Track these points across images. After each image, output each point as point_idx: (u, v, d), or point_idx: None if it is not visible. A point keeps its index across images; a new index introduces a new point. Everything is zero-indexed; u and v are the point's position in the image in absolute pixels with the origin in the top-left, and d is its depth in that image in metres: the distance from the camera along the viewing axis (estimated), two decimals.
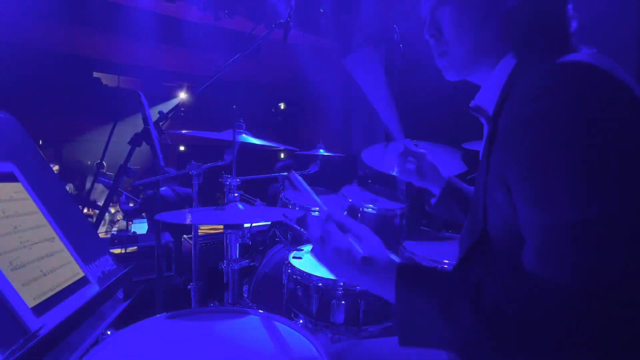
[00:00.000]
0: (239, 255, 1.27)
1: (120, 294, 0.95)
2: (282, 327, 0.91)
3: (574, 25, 0.68)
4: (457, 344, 0.55)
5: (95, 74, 8.37)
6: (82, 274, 0.85)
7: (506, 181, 0.59)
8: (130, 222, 4.29)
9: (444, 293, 0.57)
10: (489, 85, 0.73)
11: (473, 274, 0.57)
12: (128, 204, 3.77)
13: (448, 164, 1.97)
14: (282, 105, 9.21)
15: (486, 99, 0.74)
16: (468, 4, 0.70)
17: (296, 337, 0.86)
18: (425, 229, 2.33)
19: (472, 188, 1.16)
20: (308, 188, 0.85)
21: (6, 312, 0.62)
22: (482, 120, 0.76)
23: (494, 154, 0.64)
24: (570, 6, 0.68)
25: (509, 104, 0.61)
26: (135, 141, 1.24)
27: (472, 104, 0.77)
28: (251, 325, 0.91)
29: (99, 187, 4.34)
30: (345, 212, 2.01)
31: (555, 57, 0.57)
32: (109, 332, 0.81)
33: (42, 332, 0.65)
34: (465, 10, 0.70)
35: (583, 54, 0.58)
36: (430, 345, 0.61)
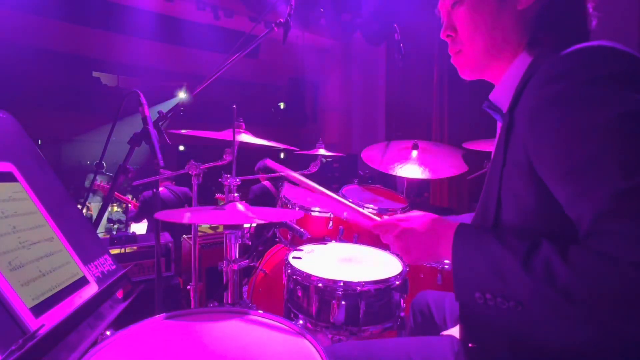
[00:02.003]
0: (238, 256, 1.27)
1: (119, 294, 0.95)
2: (282, 327, 0.90)
3: (593, 23, 0.69)
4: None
5: (94, 74, 8.37)
6: (81, 274, 0.84)
7: (532, 167, 0.60)
8: (130, 223, 4.28)
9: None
10: (504, 83, 0.74)
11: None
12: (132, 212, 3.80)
13: (448, 164, 1.97)
14: (282, 105, 9.20)
15: (501, 96, 0.75)
16: (481, 4, 0.72)
17: (296, 337, 0.86)
18: None
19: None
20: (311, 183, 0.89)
21: (5, 313, 0.62)
22: (496, 117, 0.77)
23: (512, 145, 0.65)
24: (590, 5, 0.69)
25: (527, 93, 0.62)
26: (134, 141, 1.24)
27: (486, 102, 0.78)
28: (251, 325, 0.91)
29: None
30: (345, 213, 2.01)
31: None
32: (108, 333, 0.81)
33: (41, 333, 0.64)
34: (478, 10, 0.72)
35: (600, 41, 0.58)
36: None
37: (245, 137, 1.61)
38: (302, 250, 1.58)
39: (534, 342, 0.65)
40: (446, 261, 1.53)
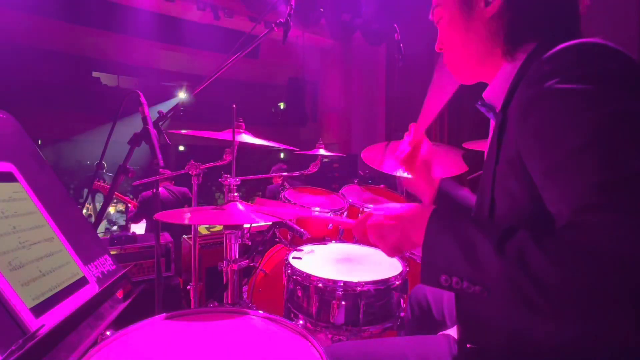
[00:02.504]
0: (238, 256, 1.27)
1: (119, 294, 0.95)
2: (282, 327, 0.90)
3: (581, 6, 0.68)
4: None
5: (94, 74, 8.38)
6: (81, 274, 0.84)
7: (523, 163, 0.60)
8: (129, 224, 4.29)
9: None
10: (496, 82, 0.75)
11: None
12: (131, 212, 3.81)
13: (448, 164, 1.97)
14: (282, 105, 9.21)
15: (494, 94, 0.76)
16: (452, 20, 0.75)
17: (296, 337, 0.86)
18: None
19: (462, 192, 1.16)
20: None
21: (5, 313, 0.62)
22: (490, 115, 0.78)
23: (505, 143, 0.65)
24: None
25: (519, 90, 0.62)
26: (134, 141, 1.24)
27: (479, 100, 0.79)
28: (251, 325, 0.91)
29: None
30: (345, 213, 2.01)
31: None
32: (108, 333, 0.81)
33: (41, 333, 0.64)
34: (451, 25, 0.76)
35: (591, 39, 0.58)
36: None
37: (245, 137, 1.61)
38: (302, 250, 1.58)
39: (532, 343, 0.65)
40: None
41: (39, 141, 7.75)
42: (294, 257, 1.47)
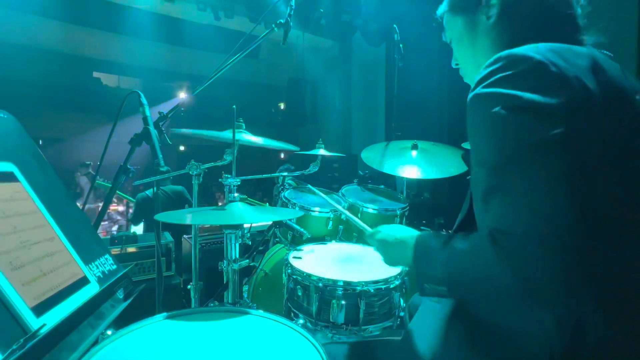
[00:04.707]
0: (238, 255, 1.27)
1: (120, 294, 0.95)
2: (282, 327, 0.91)
3: (577, 18, 0.71)
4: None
5: (95, 74, 8.36)
6: (82, 274, 0.85)
7: None
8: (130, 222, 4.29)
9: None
10: None
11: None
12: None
13: (448, 164, 1.97)
14: (282, 105, 9.20)
15: None
16: (462, 36, 0.82)
17: (296, 337, 0.86)
18: (425, 229, 2.33)
19: None
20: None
21: (6, 312, 0.62)
22: None
23: None
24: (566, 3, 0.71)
25: None
26: (135, 141, 1.24)
27: None
28: (251, 325, 0.91)
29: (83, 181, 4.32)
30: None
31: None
32: (108, 332, 0.81)
33: (42, 332, 0.65)
34: (461, 41, 0.83)
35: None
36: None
37: (246, 137, 1.61)
38: (302, 250, 1.58)
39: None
40: None
41: (40, 141, 7.74)
42: (294, 257, 1.47)
